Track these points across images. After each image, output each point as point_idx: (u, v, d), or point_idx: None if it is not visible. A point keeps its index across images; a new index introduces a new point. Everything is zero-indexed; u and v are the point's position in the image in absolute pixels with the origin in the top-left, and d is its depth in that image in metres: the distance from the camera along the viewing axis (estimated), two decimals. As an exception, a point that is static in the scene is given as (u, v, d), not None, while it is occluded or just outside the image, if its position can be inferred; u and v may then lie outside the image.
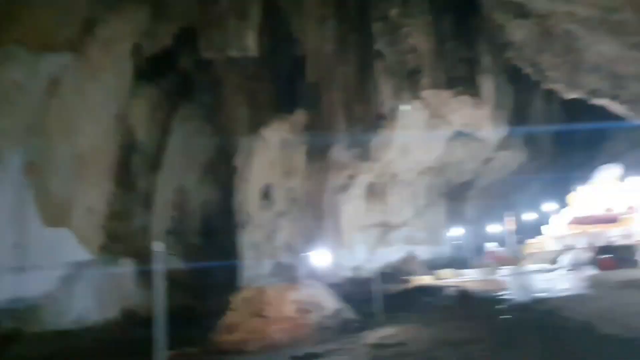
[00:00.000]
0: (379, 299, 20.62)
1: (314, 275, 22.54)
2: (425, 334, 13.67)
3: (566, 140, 47.68)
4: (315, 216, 35.21)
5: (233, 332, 14.07)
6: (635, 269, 25.08)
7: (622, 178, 39.51)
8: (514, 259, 34.27)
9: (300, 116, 31.75)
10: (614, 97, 29.20)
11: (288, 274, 23.90)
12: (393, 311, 18.36)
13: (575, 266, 29.14)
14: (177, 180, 26.18)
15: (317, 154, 33.75)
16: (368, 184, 38.73)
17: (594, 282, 21.41)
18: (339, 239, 36.63)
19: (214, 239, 27.57)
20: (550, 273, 28.12)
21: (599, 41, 23.03)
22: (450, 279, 26.50)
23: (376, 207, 40.47)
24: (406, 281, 28.70)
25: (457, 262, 38.11)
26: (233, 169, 28.17)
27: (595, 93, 29.65)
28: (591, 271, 26.99)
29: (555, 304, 16.35)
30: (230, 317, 14.93)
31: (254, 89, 29.21)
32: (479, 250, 39.54)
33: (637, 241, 32.15)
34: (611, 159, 42.40)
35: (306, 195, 34.68)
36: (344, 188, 37.24)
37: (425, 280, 29.03)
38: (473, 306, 18.59)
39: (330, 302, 15.51)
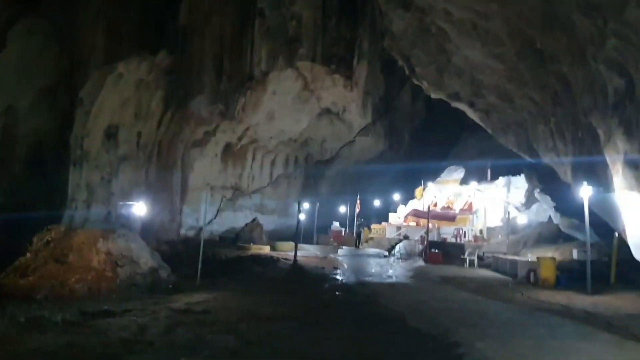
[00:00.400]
0: (208, 263, 19.68)
1: (145, 229, 20.89)
2: (238, 305, 12.95)
3: (424, 137, 49.99)
4: (163, 167, 33.13)
5: (25, 276, 12.25)
6: (459, 267, 26.56)
7: (464, 180, 42.33)
8: (355, 241, 35.08)
9: (164, 58, 29.33)
10: (471, 104, 30.57)
11: (119, 223, 21.94)
12: (218, 277, 17.50)
13: (408, 256, 30.36)
14: (7, 99, 22.80)
15: (177, 103, 31.58)
16: (226, 144, 37.34)
17: (419, 274, 22.19)
18: (186, 195, 34.98)
19: (42, 172, 24.58)
20: (384, 259, 28.99)
21: (468, 46, 23.61)
22: (290, 251, 26.22)
23: (231, 169, 39.25)
24: (245, 248, 27.95)
25: (302, 237, 38.31)
26: (78, 100, 25.27)
27: (456, 97, 30.82)
28: (420, 262, 28.24)
29: (377, 290, 16.51)
30: (26, 259, 13.03)
31: (116, 17, 26.28)
32: (325, 228, 40.02)
33: (468, 241, 34.41)
34: (458, 161, 45.32)
35: (157, 144, 32.47)
36: (201, 144, 35.55)
37: (265, 250, 28.55)
38: (300, 282, 18.29)
39: (146, 259, 14.16)
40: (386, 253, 31.54)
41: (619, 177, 16.13)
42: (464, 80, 28.38)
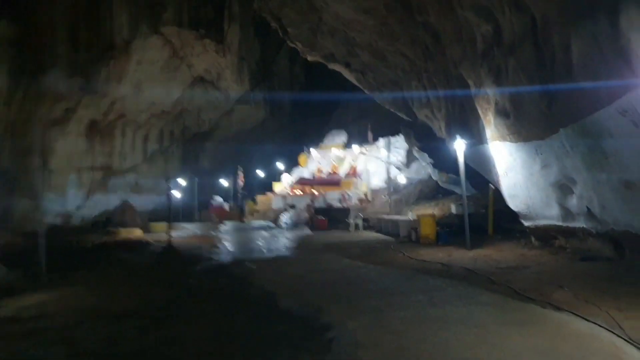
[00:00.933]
0: (68, 254, 17.24)
1: None
2: (85, 303, 10.92)
3: (305, 103, 48.95)
4: (20, 151, 29.22)
5: None
6: (345, 232, 25.83)
7: (347, 145, 41.93)
8: (239, 214, 33.42)
9: (5, 29, 25.48)
10: (347, 65, 29.66)
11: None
12: (74, 270, 15.13)
13: (295, 225, 29.24)
14: None
15: (28, 79, 27.76)
16: (91, 121, 33.75)
17: (303, 243, 21.05)
18: (49, 180, 31.23)
19: None
20: (270, 231, 27.61)
21: (336, 0, 22.42)
22: (165, 232, 24.05)
23: (99, 148, 35.69)
24: (114, 233, 25.29)
25: (182, 214, 36.02)
26: None
27: (332, 58, 29.74)
28: (307, 231, 27.23)
29: (253, 268, 15.02)
30: None
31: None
32: (206, 204, 37.93)
33: (352, 204, 33.96)
34: (340, 125, 44.87)
35: (10, 126, 28.50)
36: (61, 122, 31.74)
37: (136, 233, 26.03)
38: (169, 267, 16.37)
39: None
40: (272, 224, 30.22)
41: (490, 127, 15.75)
42: (338, 40, 27.30)
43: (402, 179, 34.06)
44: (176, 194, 33.49)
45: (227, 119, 45.98)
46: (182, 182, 36.90)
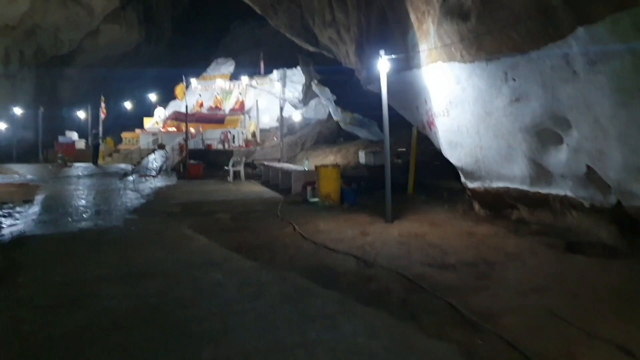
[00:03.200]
0: None
1: None
2: None
3: (188, 28, 40.84)
4: None
5: None
6: (222, 182, 19.69)
7: (235, 76, 34.99)
8: (90, 154, 25.94)
9: None
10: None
11: None
12: None
13: (160, 170, 22.58)
14: None
15: None
16: None
17: (154, 201, 14.66)
18: None
19: None
20: (125, 178, 20.58)
21: None
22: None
23: None
24: None
25: (15, 153, 28.17)
26: None
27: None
28: (173, 179, 20.79)
29: (29, 256, 8.49)
30: None
31: None
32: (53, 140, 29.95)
33: (237, 147, 27.69)
34: (228, 55, 37.64)
35: None
36: None
37: None
38: None
39: None
40: (133, 168, 23.24)
41: (428, 41, 10.12)
42: None
43: (298, 118, 28.06)
44: (-1, 125, 25.56)
45: (92, 42, 37.31)
46: (18, 111, 28.68)
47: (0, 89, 33.52)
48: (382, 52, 10.18)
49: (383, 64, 10.14)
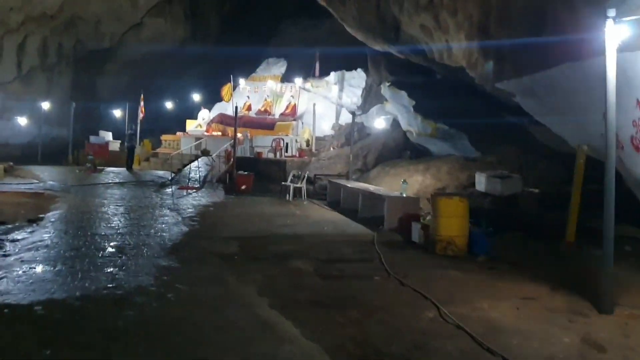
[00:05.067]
0: None
1: None
2: None
3: (237, 25, 37.13)
4: None
5: None
6: (278, 201, 15.58)
7: (287, 77, 30.98)
8: (126, 159, 22.13)
9: None
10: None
11: None
12: None
13: (204, 182, 18.53)
14: None
15: None
16: None
17: (196, 232, 10.58)
18: None
19: None
20: (162, 190, 16.60)
21: None
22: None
23: None
24: None
25: (41, 153, 24.87)
26: None
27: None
28: (220, 193, 16.75)
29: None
30: None
31: None
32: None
33: (290, 156, 23.64)
34: (277, 53, 33.80)
35: None
36: None
37: None
38: None
39: None
40: (172, 177, 19.23)
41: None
42: None
43: (380, 125, 22.76)
44: (21, 121, 22.23)
45: (134, 36, 33.95)
46: (46, 106, 25.37)
47: (35, 82, 30.33)
48: (611, 11, 5.65)
49: (611, 32, 5.67)
